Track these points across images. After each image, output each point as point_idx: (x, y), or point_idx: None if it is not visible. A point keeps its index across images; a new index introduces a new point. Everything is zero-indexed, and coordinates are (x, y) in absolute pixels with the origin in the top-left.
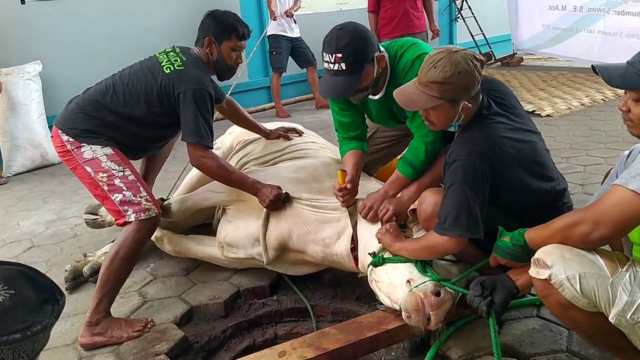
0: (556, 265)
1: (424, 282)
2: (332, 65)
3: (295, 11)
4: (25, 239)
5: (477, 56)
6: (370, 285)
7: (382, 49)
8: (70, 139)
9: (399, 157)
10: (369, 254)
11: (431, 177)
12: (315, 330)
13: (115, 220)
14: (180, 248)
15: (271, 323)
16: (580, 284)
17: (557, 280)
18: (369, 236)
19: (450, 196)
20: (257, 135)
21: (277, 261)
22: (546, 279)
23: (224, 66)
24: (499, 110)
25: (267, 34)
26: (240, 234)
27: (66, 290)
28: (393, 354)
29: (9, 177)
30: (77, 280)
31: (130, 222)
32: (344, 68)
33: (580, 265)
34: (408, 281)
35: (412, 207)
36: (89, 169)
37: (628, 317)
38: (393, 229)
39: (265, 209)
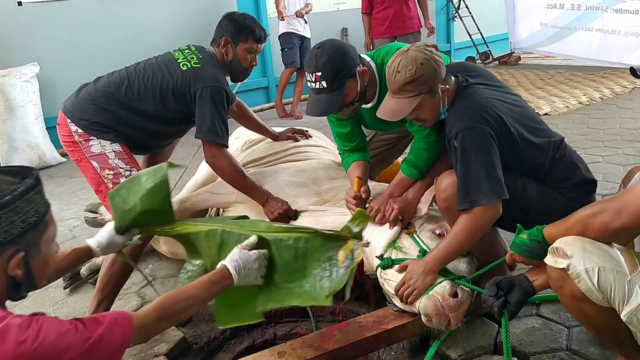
0: (576, 256)
1: (440, 282)
2: (314, 84)
3: (306, 13)
4: None
5: (428, 44)
6: (383, 288)
7: (366, 59)
8: (79, 130)
9: (399, 159)
10: (376, 256)
11: (431, 175)
12: (314, 331)
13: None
14: (177, 249)
15: (270, 323)
16: (598, 277)
17: (575, 271)
18: (374, 238)
19: (466, 169)
20: (258, 136)
21: None
22: (563, 268)
23: (238, 67)
24: (477, 81)
25: (279, 33)
26: None
27: (64, 289)
28: (393, 353)
29: None
30: (75, 279)
31: None
32: (325, 86)
33: (601, 258)
34: None
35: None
36: (95, 164)
37: None
38: (409, 277)
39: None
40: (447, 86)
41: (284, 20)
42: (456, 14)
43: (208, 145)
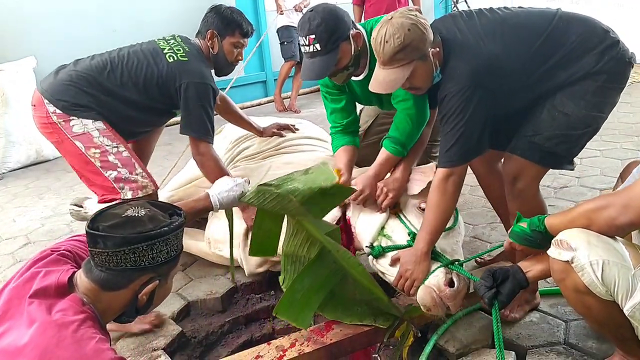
0: (580, 249)
1: (434, 270)
2: (307, 48)
3: (305, 7)
4: (21, 235)
5: (410, 8)
6: (378, 274)
7: (358, 26)
8: (58, 111)
9: None
10: (366, 247)
11: (415, 149)
12: (312, 325)
13: (103, 194)
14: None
15: (269, 318)
16: (602, 270)
17: (579, 264)
18: (363, 224)
19: (449, 129)
20: (248, 132)
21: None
22: (567, 261)
23: (223, 61)
24: (455, 32)
25: (277, 26)
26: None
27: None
28: (391, 347)
29: (4, 173)
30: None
31: (127, 199)
32: (319, 48)
33: (605, 252)
34: None
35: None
36: (79, 144)
37: None
38: (403, 269)
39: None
40: (438, 49)
41: (283, 14)
42: (454, 8)
43: (195, 142)
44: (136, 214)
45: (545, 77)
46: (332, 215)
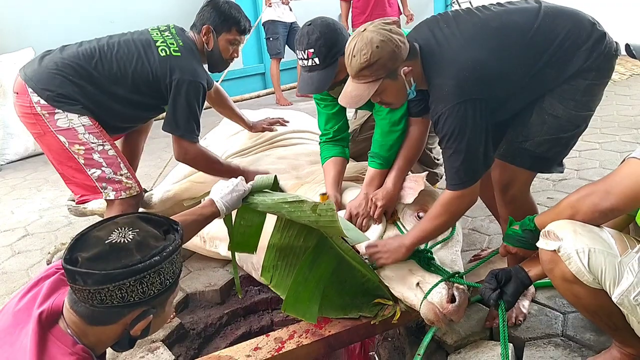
0: (567, 238)
1: (436, 284)
2: (306, 62)
3: None
4: (20, 227)
5: (386, 21)
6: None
7: None
8: (42, 102)
9: None
10: (365, 259)
11: (406, 157)
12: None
13: (82, 194)
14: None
15: (267, 310)
16: (588, 258)
17: (566, 252)
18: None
19: (452, 151)
20: (239, 128)
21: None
22: (554, 250)
23: (218, 58)
24: (434, 44)
25: (263, 20)
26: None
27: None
28: (390, 339)
29: (2, 165)
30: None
31: (109, 200)
32: (317, 63)
33: (591, 240)
34: (417, 284)
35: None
36: (62, 139)
37: (631, 297)
38: (383, 245)
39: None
40: (411, 67)
41: (270, 6)
42: (454, 1)
43: (178, 140)
44: (122, 239)
45: (536, 78)
46: None
